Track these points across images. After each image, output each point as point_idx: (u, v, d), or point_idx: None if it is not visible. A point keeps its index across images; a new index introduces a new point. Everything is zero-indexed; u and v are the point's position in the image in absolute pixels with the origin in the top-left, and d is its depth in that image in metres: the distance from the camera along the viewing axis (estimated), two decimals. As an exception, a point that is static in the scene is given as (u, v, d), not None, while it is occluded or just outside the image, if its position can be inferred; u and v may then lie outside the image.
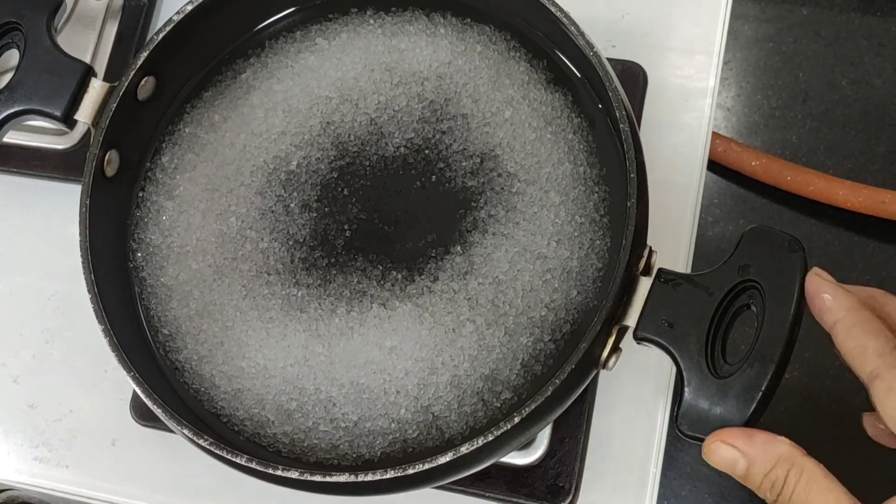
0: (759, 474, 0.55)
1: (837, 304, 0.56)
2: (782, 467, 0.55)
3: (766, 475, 0.55)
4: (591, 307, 0.66)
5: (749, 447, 0.55)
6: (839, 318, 0.56)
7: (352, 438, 0.65)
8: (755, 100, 1.39)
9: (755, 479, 0.56)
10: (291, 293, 0.68)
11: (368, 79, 0.72)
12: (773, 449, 0.55)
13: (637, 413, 0.75)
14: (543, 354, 0.65)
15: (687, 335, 0.59)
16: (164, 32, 0.69)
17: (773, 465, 0.55)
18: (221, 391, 0.67)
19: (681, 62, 0.81)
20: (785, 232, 0.60)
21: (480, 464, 0.62)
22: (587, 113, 0.70)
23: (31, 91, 0.68)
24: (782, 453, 0.55)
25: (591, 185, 0.68)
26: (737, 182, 1.35)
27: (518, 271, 0.66)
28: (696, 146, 0.80)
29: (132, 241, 0.71)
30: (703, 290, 0.60)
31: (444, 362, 0.65)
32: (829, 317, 0.56)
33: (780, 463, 0.55)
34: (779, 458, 0.55)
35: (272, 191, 0.70)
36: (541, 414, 0.60)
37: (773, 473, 0.55)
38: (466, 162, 0.69)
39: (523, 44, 0.71)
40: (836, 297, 0.57)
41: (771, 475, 0.55)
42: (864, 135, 1.38)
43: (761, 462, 0.55)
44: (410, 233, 0.68)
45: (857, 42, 1.42)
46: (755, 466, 0.55)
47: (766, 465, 0.55)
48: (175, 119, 0.73)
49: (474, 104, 0.70)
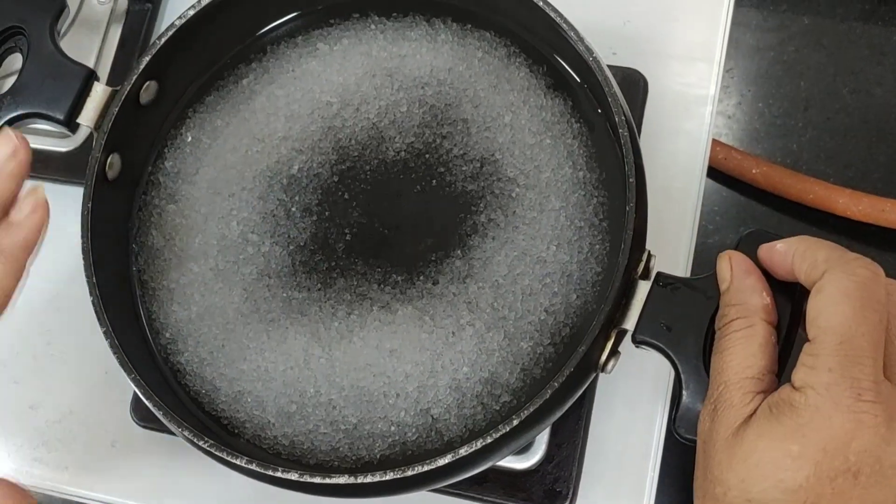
0: (724, 303, 0.58)
1: (788, 245, 0.57)
2: (737, 312, 0.56)
3: (728, 305, 0.57)
4: (590, 311, 0.66)
5: (738, 279, 0.58)
6: (794, 251, 0.56)
7: (352, 441, 0.65)
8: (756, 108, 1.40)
9: (722, 301, 0.58)
10: (292, 296, 0.68)
11: (370, 84, 0.72)
12: (748, 295, 0.57)
13: (634, 418, 0.75)
14: (543, 358, 0.66)
15: (685, 339, 0.60)
16: (166, 37, 0.69)
17: (735, 304, 0.57)
18: (222, 393, 0.67)
19: (682, 70, 0.82)
20: (781, 235, 0.60)
21: (479, 466, 0.62)
22: (587, 118, 0.70)
23: (33, 95, 0.68)
24: (751, 304, 0.56)
25: (590, 190, 0.68)
26: (737, 190, 1.35)
27: (517, 275, 0.67)
28: (697, 153, 0.80)
29: (134, 244, 0.71)
30: (701, 294, 0.60)
31: (443, 365, 0.65)
32: (787, 260, 0.57)
33: (741, 309, 0.56)
34: (745, 305, 0.57)
35: (273, 195, 0.70)
36: (539, 417, 0.60)
37: (730, 310, 0.57)
38: (466, 166, 0.69)
39: (523, 49, 0.72)
40: (786, 242, 0.57)
41: (728, 311, 0.57)
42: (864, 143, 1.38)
43: (734, 294, 0.57)
44: (410, 237, 0.69)
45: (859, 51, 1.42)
46: (727, 294, 0.58)
47: (733, 300, 0.57)
48: (177, 123, 0.73)
49: (475, 109, 0.71)
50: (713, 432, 0.53)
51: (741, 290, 0.57)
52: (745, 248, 0.60)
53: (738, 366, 0.54)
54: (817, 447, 0.50)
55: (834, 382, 0.50)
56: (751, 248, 0.60)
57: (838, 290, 0.52)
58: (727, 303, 0.57)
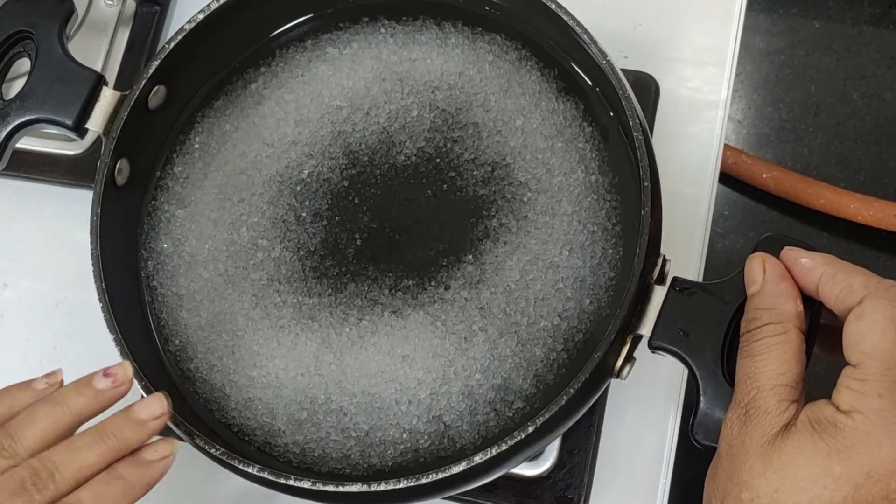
0: (755, 306, 0.56)
1: (815, 263, 0.57)
2: (771, 318, 0.55)
3: (758, 309, 0.56)
4: (604, 316, 0.65)
5: (771, 283, 0.57)
6: (821, 273, 0.56)
7: (363, 448, 0.65)
8: (766, 112, 1.39)
9: (751, 304, 0.57)
10: (303, 302, 0.68)
11: (379, 88, 0.72)
12: (783, 301, 0.56)
13: (646, 424, 0.74)
14: (556, 364, 0.65)
15: (702, 344, 0.59)
16: (175, 42, 0.69)
17: (768, 309, 0.56)
18: (232, 401, 0.67)
19: (693, 74, 0.81)
20: (800, 240, 0.59)
21: (493, 474, 0.62)
22: (599, 122, 0.69)
23: (42, 100, 0.67)
24: (785, 310, 0.56)
25: (602, 194, 0.68)
26: (747, 194, 1.35)
27: (530, 280, 0.66)
28: (708, 158, 0.80)
29: (143, 250, 0.70)
30: (718, 299, 0.60)
31: (456, 372, 0.65)
32: (811, 277, 0.56)
33: (774, 314, 0.56)
34: (778, 311, 0.56)
35: (283, 200, 0.70)
36: (554, 423, 0.60)
37: (763, 314, 0.56)
38: (478, 171, 0.69)
39: (535, 53, 0.71)
40: (812, 258, 0.57)
41: (759, 314, 0.56)
42: (875, 148, 1.38)
43: (767, 298, 0.56)
44: (421, 242, 0.68)
45: (869, 55, 1.41)
46: (759, 298, 0.57)
47: (765, 304, 0.56)
48: (186, 128, 0.73)
49: (486, 113, 0.70)
50: (745, 436, 0.53)
51: (775, 294, 0.56)
52: (764, 251, 0.59)
53: (772, 371, 0.54)
54: (861, 471, 0.50)
55: (884, 409, 0.50)
56: (770, 253, 0.59)
57: (883, 317, 0.52)
58: (758, 306, 0.56)
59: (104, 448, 0.56)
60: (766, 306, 0.56)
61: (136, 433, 0.57)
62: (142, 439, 0.57)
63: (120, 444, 0.57)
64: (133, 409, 0.58)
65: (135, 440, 0.57)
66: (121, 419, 0.57)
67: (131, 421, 0.57)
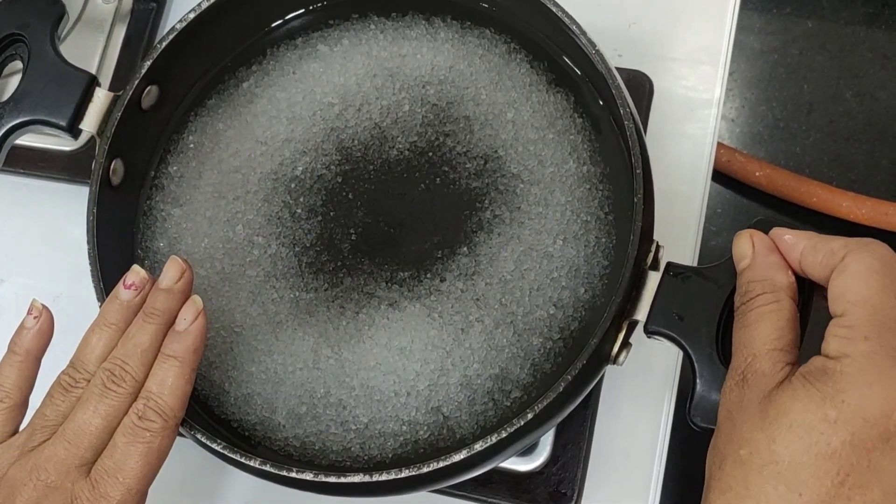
0: (747, 279, 0.57)
1: (797, 237, 0.57)
2: (763, 288, 0.56)
3: (750, 282, 0.57)
4: (599, 304, 0.66)
5: (761, 256, 0.57)
6: (804, 246, 0.56)
7: (363, 440, 0.65)
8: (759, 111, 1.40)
9: (743, 278, 0.57)
10: (300, 297, 0.68)
11: (371, 84, 0.72)
12: (773, 272, 0.57)
13: (639, 419, 0.74)
14: (552, 353, 0.65)
15: (697, 327, 0.59)
16: (167, 41, 0.69)
17: (760, 280, 0.56)
18: (231, 396, 0.67)
19: (687, 72, 0.82)
20: (792, 223, 0.60)
21: (493, 462, 0.62)
22: (590, 112, 0.70)
23: (35, 102, 0.68)
24: (777, 280, 0.56)
25: (595, 184, 0.68)
26: (741, 192, 1.35)
27: (525, 270, 0.66)
28: (702, 156, 0.80)
29: (140, 249, 0.71)
30: (712, 283, 0.60)
31: (453, 363, 0.65)
32: (794, 251, 0.57)
33: (766, 284, 0.56)
34: (770, 281, 0.56)
35: (278, 197, 0.70)
36: (553, 411, 0.60)
37: (755, 286, 0.56)
38: (470, 164, 0.69)
39: (524, 46, 0.72)
40: (795, 234, 0.57)
41: (752, 287, 0.56)
42: (867, 147, 1.38)
43: (758, 270, 0.57)
44: (416, 235, 0.68)
45: (863, 55, 1.42)
46: (750, 271, 0.57)
47: (756, 276, 0.57)
48: (179, 128, 0.73)
49: (477, 107, 0.70)
50: (742, 398, 0.53)
51: (765, 266, 0.57)
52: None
53: (766, 337, 0.54)
54: (856, 414, 0.50)
55: (872, 350, 0.50)
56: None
57: (864, 267, 0.53)
58: (750, 279, 0.57)
59: (151, 327, 0.61)
60: (758, 278, 0.56)
61: (169, 301, 0.62)
62: (176, 306, 0.62)
63: (161, 317, 0.61)
64: (157, 284, 0.62)
65: (171, 308, 0.62)
66: (151, 297, 0.62)
67: (160, 293, 0.62)
